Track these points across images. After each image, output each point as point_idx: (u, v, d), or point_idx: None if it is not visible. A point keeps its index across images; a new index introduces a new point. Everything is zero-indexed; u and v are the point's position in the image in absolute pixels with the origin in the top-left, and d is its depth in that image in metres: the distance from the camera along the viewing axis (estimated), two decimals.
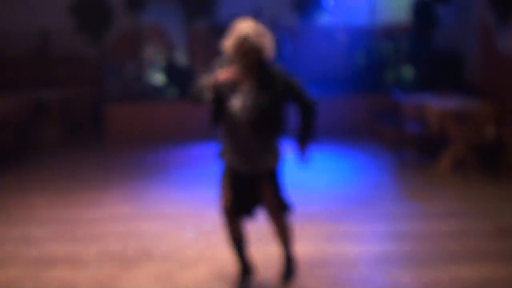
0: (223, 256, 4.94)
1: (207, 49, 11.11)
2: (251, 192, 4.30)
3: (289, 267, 4.50)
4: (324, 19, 11.79)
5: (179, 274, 4.59)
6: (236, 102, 4.15)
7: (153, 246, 5.19)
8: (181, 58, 11.75)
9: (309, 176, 7.89)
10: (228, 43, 4.11)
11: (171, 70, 11.00)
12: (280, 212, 4.35)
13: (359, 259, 4.87)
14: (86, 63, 11.85)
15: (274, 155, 4.27)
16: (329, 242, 5.28)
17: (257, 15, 10.38)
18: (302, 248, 5.11)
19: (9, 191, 7.20)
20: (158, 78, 11.30)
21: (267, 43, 4.12)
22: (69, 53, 11.85)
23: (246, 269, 4.49)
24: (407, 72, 11.23)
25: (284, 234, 4.42)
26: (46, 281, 4.52)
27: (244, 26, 4.09)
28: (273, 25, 10.77)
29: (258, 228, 5.24)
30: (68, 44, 11.78)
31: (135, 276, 4.56)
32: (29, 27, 11.75)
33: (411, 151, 8.86)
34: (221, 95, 4.14)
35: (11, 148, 9.15)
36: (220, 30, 8.61)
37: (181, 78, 10.69)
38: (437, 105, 8.08)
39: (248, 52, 4.06)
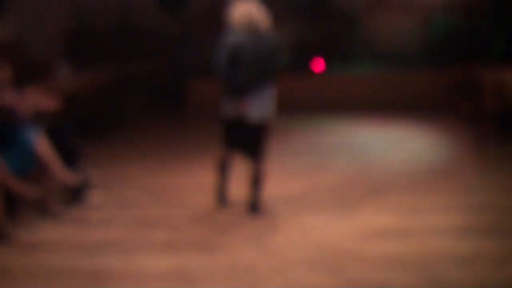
0: (311, 223, 5.22)
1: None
2: None
3: (253, 204, 5.40)
4: None
5: (269, 237, 4.90)
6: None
7: (243, 213, 5.50)
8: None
9: (388, 149, 8.04)
10: (235, 16, 5.48)
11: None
12: None
13: (442, 229, 5.02)
14: (167, 37, 12.20)
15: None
16: (411, 213, 5.45)
17: None
18: (383, 217, 5.31)
19: (103, 161, 7.57)
20: None
21: (262, 20, 5.43)
22: (150, 27, 12.23)
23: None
24: (485, 45, 11.12)
25: None
26: (145, 241, 4.90)
27: (248, 7, 5.42)
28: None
29: None
30: (149, 19, 12.17)
31: (231, 239, 4.90)
32: (111, 2, 12.17)
33: (489, 124, 8.85)
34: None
35: (99, 121, 9.60)
36: None
37: None
38: None
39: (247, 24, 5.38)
